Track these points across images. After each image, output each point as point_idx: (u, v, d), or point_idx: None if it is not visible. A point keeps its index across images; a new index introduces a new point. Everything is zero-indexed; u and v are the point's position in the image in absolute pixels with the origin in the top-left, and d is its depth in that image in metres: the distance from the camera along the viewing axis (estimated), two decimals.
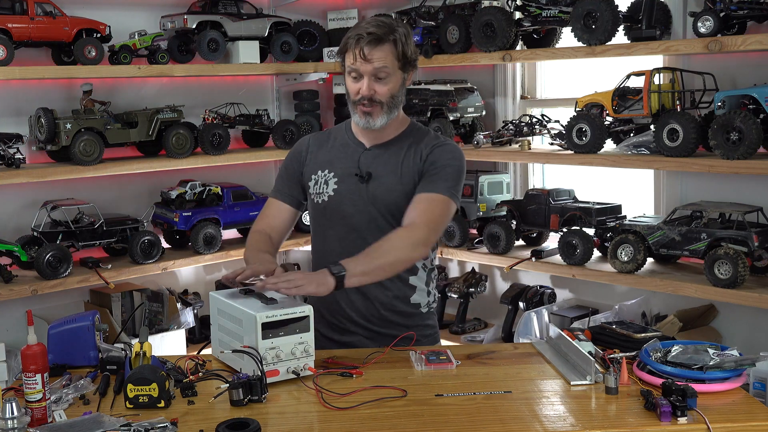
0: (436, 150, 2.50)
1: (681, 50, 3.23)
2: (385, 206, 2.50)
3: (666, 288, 3.25)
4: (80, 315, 2.37)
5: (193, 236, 3.99)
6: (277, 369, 2.11)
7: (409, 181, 2.50)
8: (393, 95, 2.46)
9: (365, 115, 2.47)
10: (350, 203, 2.52)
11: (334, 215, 2.54)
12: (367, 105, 2.45)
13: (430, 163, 2.49)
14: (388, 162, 2.52)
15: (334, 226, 2.55)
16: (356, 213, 2.52)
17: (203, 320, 4.03)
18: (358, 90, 2.44)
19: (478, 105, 4.14)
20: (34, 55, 3.73)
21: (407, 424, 1.90)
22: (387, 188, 2.50)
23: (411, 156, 2.52)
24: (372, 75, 2.42)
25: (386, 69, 2.41)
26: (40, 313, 3.59)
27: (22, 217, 3.77)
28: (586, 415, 1.95)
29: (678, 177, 3.55)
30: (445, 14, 3.96)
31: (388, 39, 2.41)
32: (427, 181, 2.47)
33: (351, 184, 2.53)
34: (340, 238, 2.54)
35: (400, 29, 2.44)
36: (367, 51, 2.39)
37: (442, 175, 2.46)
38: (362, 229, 2.51)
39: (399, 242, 2.38)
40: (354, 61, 2.42)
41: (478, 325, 4.21)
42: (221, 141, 4.03)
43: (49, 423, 1.91)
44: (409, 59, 2.47)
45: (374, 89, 2.43)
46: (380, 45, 2.40)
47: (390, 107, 2.47)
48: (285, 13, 4.41)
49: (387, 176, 2.51)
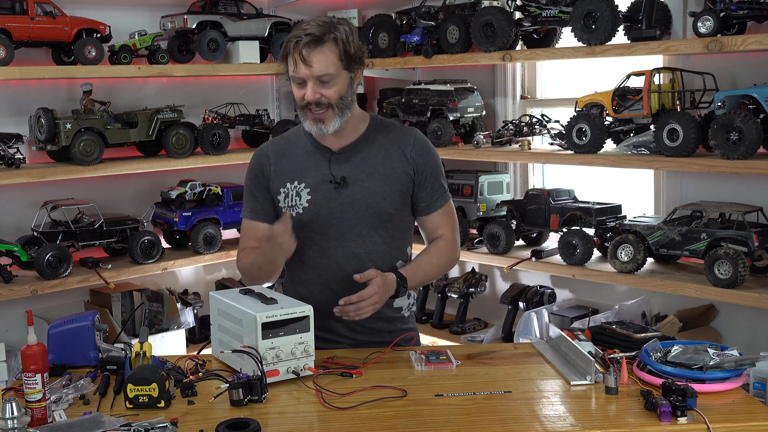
0: (419, 151, 2.49)
1: (681, 50, 3.23)
2: (368, 210, 2.44)
3: (666, 288, 3.25)
4: (80, 315, 2.37)
5: (193, 236, 3.99)
6: (277, 369, 2.11)
7: (397, 183, 2.46)
8: (341, 96, 2.36)
9: (316, 122, 2.37)
10: (327, 212, 2.44)
11: (311, 227, 2.45)
12: (316, 110, 2.35)
13: (421, 165, 2.48)
14: (363, 164, 2.45)
15: (312, 237, 2.45)
16: (335, 221, 2.44)
17: (203, 320, 4.03)
18: (303, 96, 2.35)
19: (478, 105, 4.14)
20: (34, 55, 3.74)
21: (407, 424, 1.90)
22: (370, 191, 2.44)
23: (395, 157, 2.47)
24: (315, 79, 2.32)
25: (329, 73, 2.31)
26: (40, 313, 3.59)
27: (22, 217, 3.77)
28: (586, 415, 1.95)
29: (678, 177, 3.55)
30: (445, 14, 3.96)
31: (328, 38, 2.31)
32: (433, 192, 2.52)
33: (326, 192, 2.44)
34: (321, 249, 2.46)
35: (341, 27, 2.34)
36: (306, 53, 2.29)
37: (438, 178, 2.54)
38: (343, 237, 2.45)
39: (446, 261, 2.58)
40: (295, 67, 2.32)
41: (478, 325, 4.21)
42: (221, 141, 4.03)
43: (49, 423, 1.91)
44: (353, 57, 2.36)
45: (320, 93, 2.33)
46: (320, 46, 2.30)
47: (341, 109, 2.37)
48: (285, 13, 4.41)
49: (367, 179, 2.44)
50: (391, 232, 2.50)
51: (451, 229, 2.59)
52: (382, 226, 2.47)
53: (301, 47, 2.30)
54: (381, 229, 2.47)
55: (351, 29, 2.38)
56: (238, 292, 2.32)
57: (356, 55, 2.37)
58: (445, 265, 2.59)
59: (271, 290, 2.30)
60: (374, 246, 2.46)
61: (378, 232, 2.47)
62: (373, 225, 2.46)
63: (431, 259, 2.53)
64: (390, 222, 2.48)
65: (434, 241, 2.58)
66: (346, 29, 2.36)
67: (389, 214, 2.47)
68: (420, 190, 2.50)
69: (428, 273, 2.54)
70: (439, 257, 2.55)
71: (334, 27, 2.33)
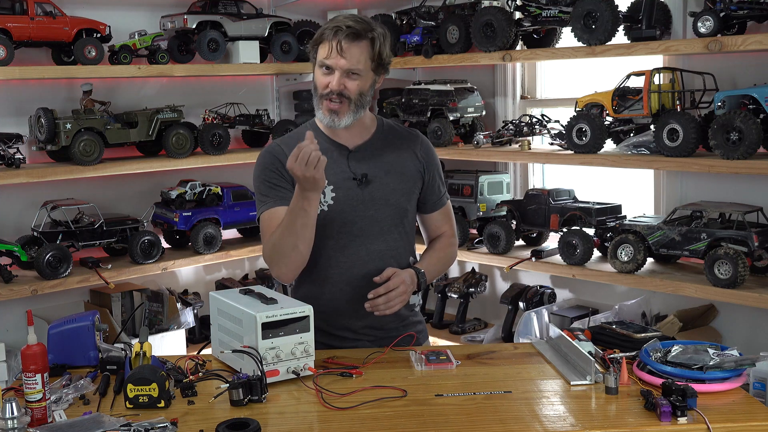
0: (426, 151, 2.59)
1: (681, 50, 3.23)
2: (388, 207, 2.48)
3: (666, 288, 3.25)
4: (80, 315, 2.37)
5: (193, 236, 3.99)
6: (277, 369, 2.11)
7: (412, 181, 2.54)
8: (362, 93, 2.39)
9: (331, 112, 2.39)
10: (351, 210, 2.44)
11: (334, 224, 2.44)
12: (335, 101, 2.37)
13: (429, 165, 2.59)
14: (380, 162, 2.49)
15: (334, 235, 2.44)
16: (358, 219, 2.45)
17: (203, 320, 4.03)
18: (327, 84, 2.36)
19: (478, 105, 4.14)
20: (34, 55, 3.73)
21: (407, 424, 1.90)
22: (390, 189, 2.49)
23: (407, 156, 2.54)
24: (344, 71, 2.34)
25: (359, 69, 2.35)
26: (40, 313, 3.59)
27: (22, 217, 3.77)
28: (586, 415, 1.95)
29: (678, 177, 3.55)
30: (445, 14, 3.96)
31: (366, 36, 2.35)
32: (437, 190, 2.61)
33: (349, 189, 2.44)
34: (342, 246, 2.45)
35: (379, 30, 2.39)
36: (344, 44, 2.32)
37: (439, 177, 2.63)
38: (365, 235, 2.46)
39: (452, 257, 2.68)
40: (328, 54, 2.34)
41: (478, 325, 4.21)
42: (221, 141, 4.03)
43: (49, 423, 1.91)
44: (383, 61, 2.41)
45: (344, 84, 2.35)
46: (357, 41, 2.33)
47: (357, 106, 2.39)
48: (285, 13, 4.41)
49: (385, 177, 2.48)
50: (407, 229, 2.57)
51: (452, 226, 2.68)
52: (401, 223, 2.53)
53: (341, 37, 2.32)
54: (400, 226, 2.52)
55: (387, 35, 2.42)
56: (238, 292, 2.32)
57: (386, 61, 2.43)
58: (450, 260, 2.69)
59: (277, 293, 2.30)
60: (395, 243, 2.50)
61: (398, 229, 2.52)
62: (393, 222, 2.50)
63: (440, 255, 2.62)
64: (406, 218, 2.55)
65: (439, 237, 2.66)
66: (383, 33, 2.40)
67: (406, 211, 2.54)
68: (428, 189, 2.59)
69: (439, 268, 2.64)
70: (446, 253, 2.64)
71: (373, 28, 2.38)
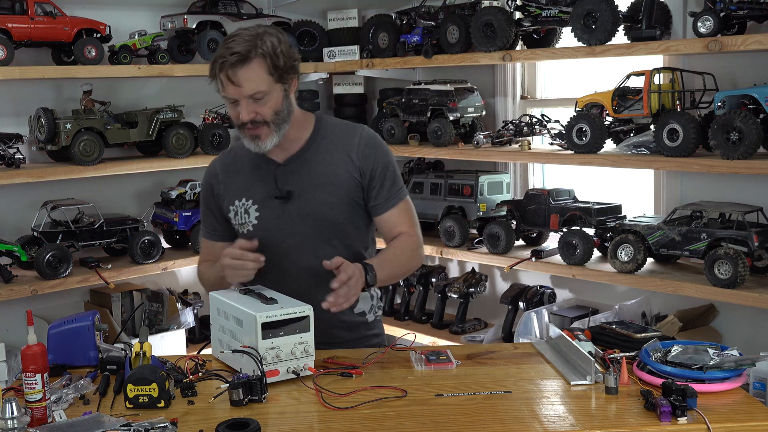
0: (364, 151, 2.42)
1: (681, 50, 3.23)
2: (317, 222, 2.39)
3: (666, 288, 3.25)
4: (80, 315, 2.37)
5: (193, 236, 3.99)
6: (277, 369, 2.11)
7: (344, 191, 2.41)
8: (276, 111, 2.30)
9: (254, 138, 2.32)
10: (276, 229, 2.40)
11: (263, 244, 2.37)
12: (253, 127, 2.30)
13: (367, 166, 2.41)
14: (309, 175, 2.40)
15: (265, 254, 2.34)
16: (285, 237, 2.40)
17: (203, 320, 4.03)
18: (238, 116, 2.29)
19: (478, 105, 4.14)
20: (34, 55, 3.73)
21: (407, 424, 1.90)
22: (319, 203, 2.39)
23: (340, 162, 2.40)
24: (248, 98, 2.26)
25: (260, 91, 2.25)
26: (40, 313, 3.59)
27: (22, 217, 3.77)
28: (586, 415, 1.95)
29: (678, 177, 3.55)
30: (445, 14, 3.95)
31: (255, 54, 2.23)
32: (385, 191, 2.43)
33: (273, 207, 2.40)
34: (274, 262, 2.38)
35: (267, 39, 2.25)
36: (232, 74, 2.22)
37: (389, 175, 2.44)
38: (297, 252, 2.40)
39: (411, 254, 2.46)
40: (224, 88, 2.27)
41: (478, 325, 4.21)
42: (221, 141, 4.03)
43: (49, 423, 1.91)
44: (284, 68, 2.29)
45: (254, 111, 2.27)
46: (247, 64, 2.22)
47: (277, 124, 2.32)
48: (285, 13, 4.41)
49: (314, 191, 2.39)
50: (345, 241, 2.45)
51: (411, 226, 2.49)
52: (335, 237, 2.42)
53: (227, 68, 2.23)
54: (334, 240, 2.42)
55: (279, 39, 2.29)
56: (238, 292, 2.32)
57: (287, 66, 2.30)
58: (410, 257, 2.47)
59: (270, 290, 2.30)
60: (328, 257, 2.28)
61: (331, 243, 2.42)
62: (324, 237, 2.41)
63: (395, 252, 2.43)
64: (342, 231, 2.43)
65: (395, 238, 2.48)
66: (273, 41, 2.27)
67: (339, 224, 2.42)
68: (370, 191, 2.44)
69: (394, 266, 2.42)
70: (402, 250, 2.44)
71: (260, 41, 2.24)
